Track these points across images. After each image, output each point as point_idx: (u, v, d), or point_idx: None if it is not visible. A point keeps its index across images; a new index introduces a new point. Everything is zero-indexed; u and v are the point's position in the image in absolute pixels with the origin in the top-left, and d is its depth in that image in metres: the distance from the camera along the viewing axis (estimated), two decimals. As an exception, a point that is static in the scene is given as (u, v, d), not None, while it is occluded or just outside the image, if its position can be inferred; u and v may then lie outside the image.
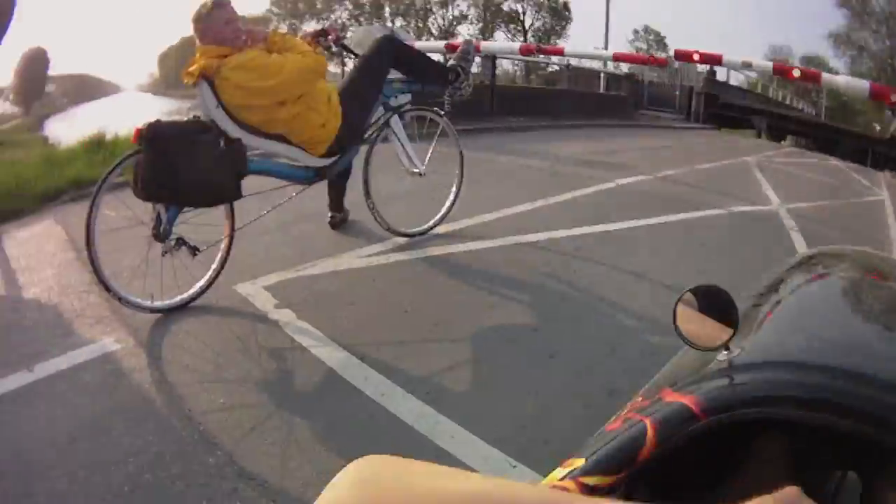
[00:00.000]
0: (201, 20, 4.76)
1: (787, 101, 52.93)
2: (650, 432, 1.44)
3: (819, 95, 78.73)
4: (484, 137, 13.70)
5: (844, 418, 1.41)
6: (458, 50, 6.45)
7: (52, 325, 4.68)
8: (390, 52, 5.71)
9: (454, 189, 6.55)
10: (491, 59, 18.19)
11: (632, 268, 5.85)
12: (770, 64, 10.05)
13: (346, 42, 5.75)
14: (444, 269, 5.62)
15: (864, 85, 10.85)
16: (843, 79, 9.70)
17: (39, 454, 3.21)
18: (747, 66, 10.11)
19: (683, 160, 14.32)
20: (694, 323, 1.70)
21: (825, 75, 12.20)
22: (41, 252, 6.24)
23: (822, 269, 2.74)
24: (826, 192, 13.61)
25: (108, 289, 4.58)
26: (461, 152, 6.52)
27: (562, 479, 1.43)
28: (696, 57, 10.68)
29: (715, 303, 1.69)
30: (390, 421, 3.42)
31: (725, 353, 1.61)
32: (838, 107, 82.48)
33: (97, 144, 10.44)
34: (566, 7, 74.02)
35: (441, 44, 14.02)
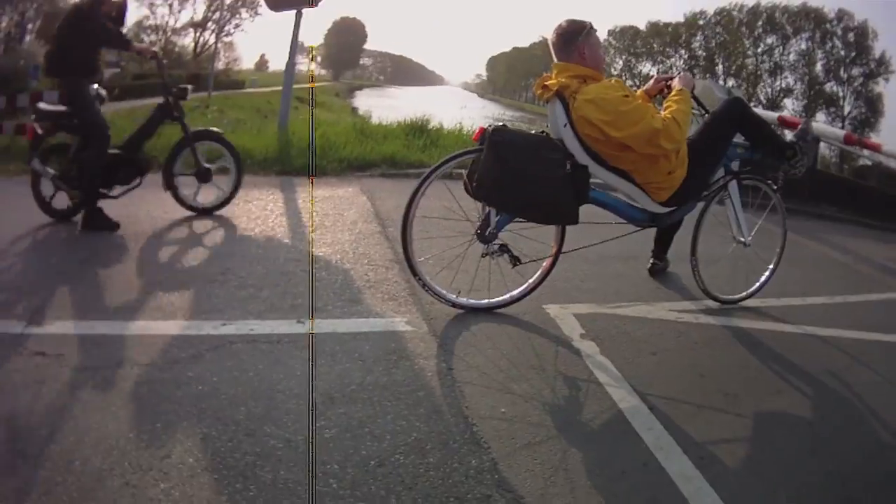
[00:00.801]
0: (572, 36, 4.77)
1: None
2: None
3: None
4: (795, 218, 13.08)
5: None
6: (798, 128, 6.25)
7: (339, 287, 4.88)
8: (740, 114, 5.57)
9: (772, 266, 6.37)
10: (816, 141, 17.26)
11: None
12: None
13: (696, 95, 5.54)
14: (745, 342, 5.38)
15: None
16: None
17: (285, 403, 3.35)
18: None
19: None
20: None
21: None
22: (341, 217, 6.47)
23: None
24: None
25: (414, 272, 4.72)
26: (786, 231, 6.43)
27: None
28: None
29: None
30: (659, 475, 3.32)
31: None
32: None
33: (419, 129, 10.68)
34: (880, 100, 71.60)
35: (774, 115, 13.66)
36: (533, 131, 4.89)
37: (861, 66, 73.12)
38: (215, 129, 7.50)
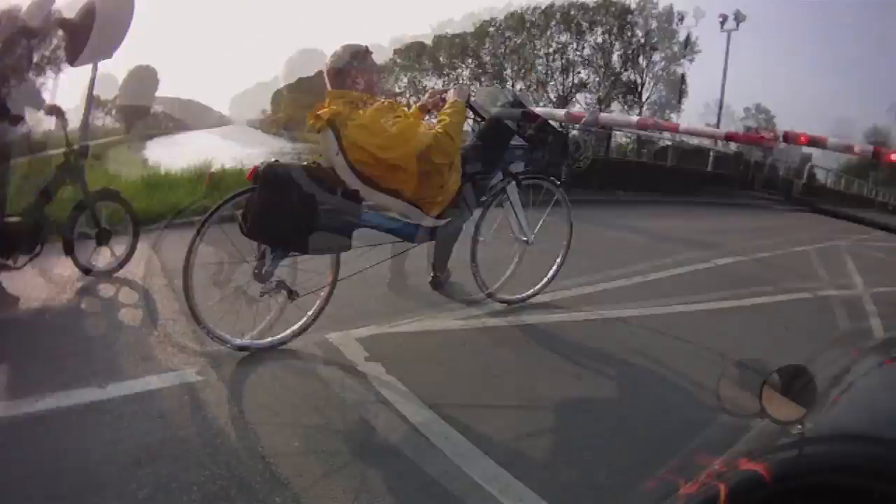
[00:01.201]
0: (346, 63, 4.87)
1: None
2: (722, 497, 1.56)
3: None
4: (591, 209, 13.60)
5: None
6: (582, 121, 6.46)
7: (132, 347, 4.76)
8: (516, 117, 5.72)
9: (559, 260, 6.54)
10: (607, 130, 17.92)
11: (720, 348, 5.64)
12: (870, 148, 9.51)
13: (473, 104, 5.67)
14: (537, 337, 5.55)
15: None
16: None
17: (100, 471, 3.24)
18: (848, 149, 9.61)
19: (774, 241, 13.93)
20: (776, 398, 1.80)
21: None
22: (130, 273, 6.36)
23: None
24: None
25: (198, 320, 4.62)
26: (571, 224, 6.54)
27: None
28: (802, 139, 10.25)
29: (797, 380, 1.82)
30: (462, 479, 3.38)
31: (800, 427, 1.69)
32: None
33: (201, 175, 10.60)
34: (683, 80, 74.18)
35: (562, 112, 13.84)
36: (305, 163, 4.92)
37: (662, 50, 75.37)
38: (113, 188, 7.17)
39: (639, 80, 73.78)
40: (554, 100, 69.78)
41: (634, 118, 12.64)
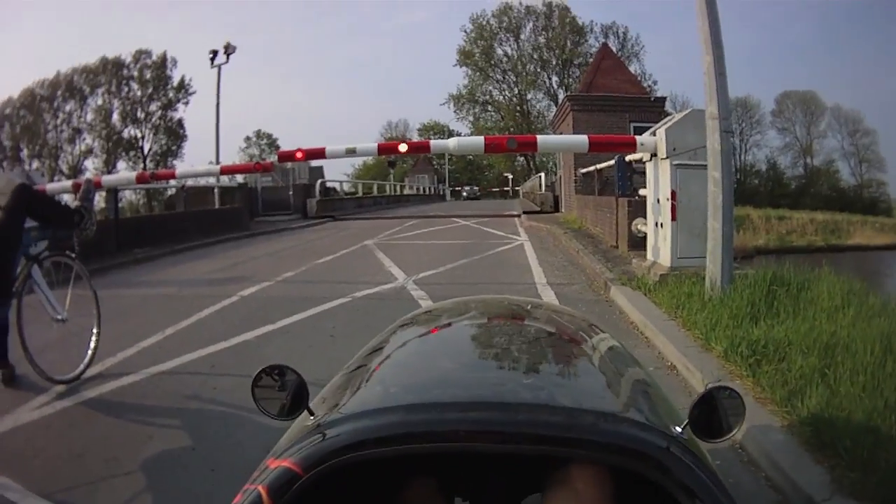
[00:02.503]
0: None
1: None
2: (264, 497, 1.73)
3: (440, 163, 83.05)
4: (112, 274, 13.86)
5: (431, 443, 1.79)
6: (80, 190, 6.67)
7: None
8: (25, 199, 5.81)
9: (95, 330, 6.74)
10: (113, 192, 18.13)
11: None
12: (374, 145, 11.04)
13: None
14: (103, 408, 5.89)
15: (476, 142, 11.84)
16: (453, 141, 10.66)
17: None
18: (352, 151, 10.99)
19: (302, 259, 15.47)
20: (274, 398, 2.09)
21: (432, 142, 13.49)
22: None
23: (416, 326, 3.24)
24: (457, 254, 15.23)
25: None
26: (95, 292, 6.74)
27: None
28: (299, 155, 11.42)
29: (288, 378, 2.10)
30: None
31: (312, 418, 1.94)
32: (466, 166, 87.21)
33: None
34: (181, 125, 74.04)
35: (69, 183, 13.77)
36: None
37: (158, 99, 74.32)
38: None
39: (139, 134, 72.95)
40: (66, 171, 66.57)
41: (133, 174, 13.15)
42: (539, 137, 11.09)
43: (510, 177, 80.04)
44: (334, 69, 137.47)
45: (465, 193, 75.30)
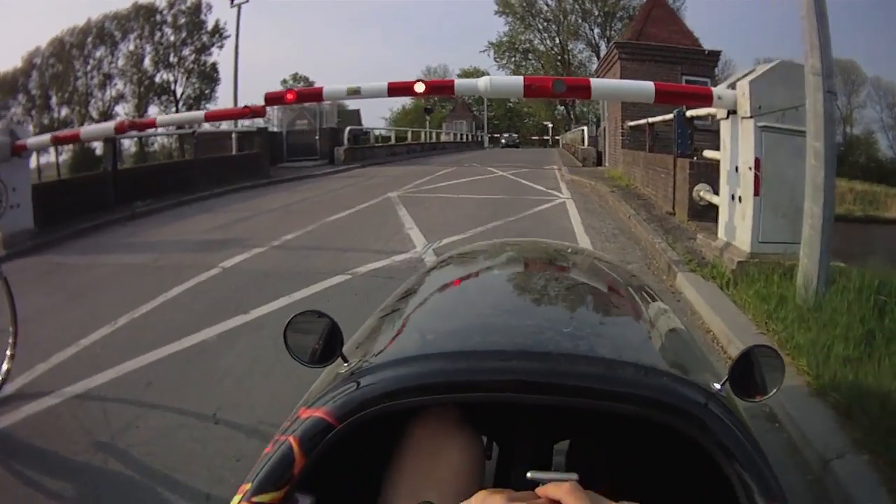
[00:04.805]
0: None
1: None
2: (295, 447, 1.69)
3: (479, 109, 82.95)
4: (99, 234, 12.60)
5: (471, 392, 1.75)
6: None
7: None
8: None
9: (11, 329, 5.53)
10: (111, 141, 16.59)
11: (209, 401, 5.05)
12: (384, 84, 8.80)
13: None
14: (9, 450, 4.63)
15: (513, 83, 9.23)
16: (483, 80, 8.23)
17: None
18: (354, 92, 9.10)
19: (313, 214, 13.91)
20: (306, 345, 1.99)
21: (457, 81, 11.23)
22: None
23: (451, 268, 3.24)
24: (489, 212, 13.69)
25: None
26: (5, 280, 5.56)
27: (239, 503, 1.63)
28: (289, 97, 9.60)
29: (320, 325, 1.99)
30: None
31: (346, 365, 1.89)
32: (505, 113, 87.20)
33: None
34: (215, 69, 73.89)
35: (47, 137, 12.62)
36: None
37: (192, 44, 74.73)
38: None
39: (171, 79, 73.37)
40: (95, 117, 67.44)
41: (112, 124, 11.69)
42: (593, 81, 8.92)
43: (550, 126, 79.23)
44: (374, 13, 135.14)
45: (503, 141, 73.83)
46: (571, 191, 18.19)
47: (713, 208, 10.11)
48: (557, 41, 77.87)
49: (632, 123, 20.67)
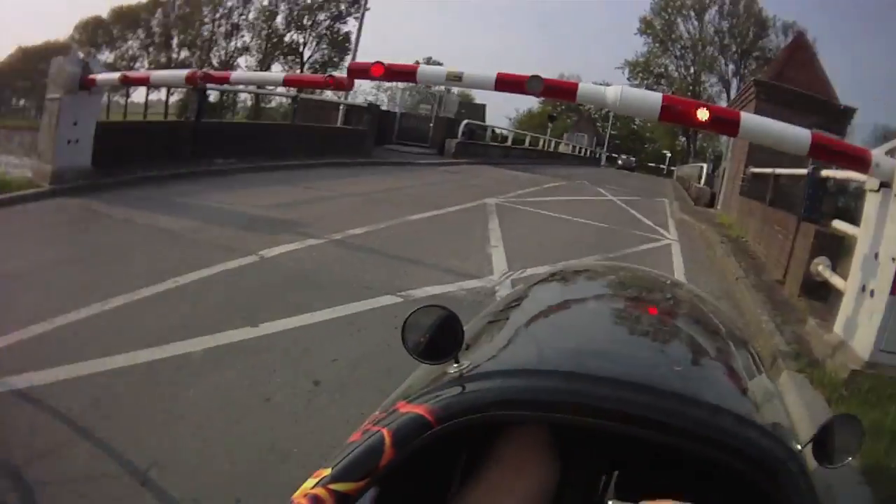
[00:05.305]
0: None
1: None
2: (387, 440, 1.68)
3: (603, 125, 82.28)
4: (159, 187, 11.76)
5: (579, 415, 1.73)
6: None
7: None
8: None
9: None
10: (199, 91, 15.67)
11: (151, 448, 3.98)
12: (492, 74, 7.47)
13: None
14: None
15: (652, 100, 7.34)
16: (613, 90, 6.71)
17: None
18: (456, 77, 7.86)
19: (396, 208, 12.76)
20: (424, 341, 1.95)
21: (582, 85, 9.26)
22: None
23: (561, 283, 3.40)
24: (588, 242, 12.63)
25: None
26: None
27: (313, 487, 1.63)
28: (376, 70, 8.25)
29: (442, 321, 1.97)
30: None
31: (456, 365, 1.89)
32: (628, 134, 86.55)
33: None
34: (347, 38, 74.09)
35: (116, 75, 11.93)
36: None
37: (329, 9, 75.46)
38: None
39: (301, 40, 74.13)
40: (216, 65, 68.81)
41: (184, 73, 10.82)
42: (744, 117, 7.24)
43: (668, 155, 77.93)
44: (520, 13, 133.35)
45: (620, 161, 72.43)
46: (679, 232, 16.75)
47: (828, 288, 8.84)
48: (692, 70, 78.49)
49: (755, 170, 19.04)
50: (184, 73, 10.73)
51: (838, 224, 9.46)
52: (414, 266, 8.54)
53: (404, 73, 8.74)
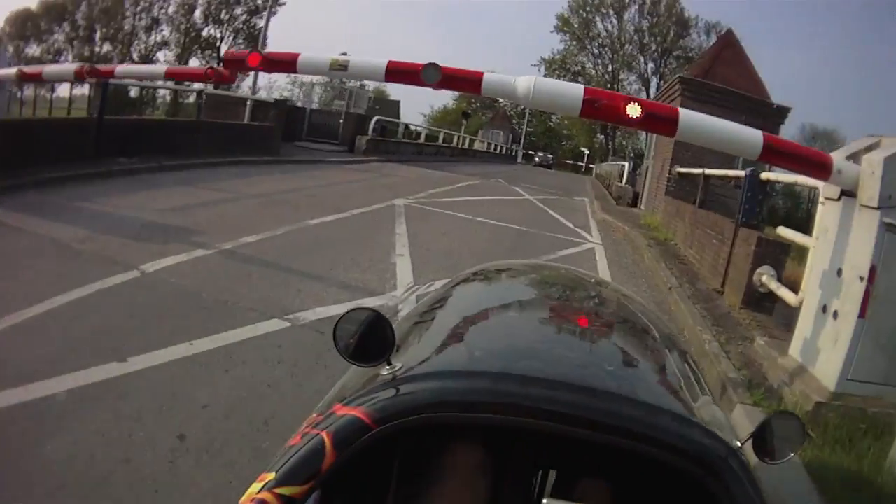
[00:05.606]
0: None
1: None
2: (328, 443, 1.68)
3: (519, 122, 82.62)
4: (60, 190, 10.76)
5: (513, 416, 1.75)
6: None
7: None
8: None
9: None
10: (101, 85, 14.45)
11: None
12: (383, 62, 6.64)
13: None
14: None
15: (570, 91, 6.34)
16: (523, 80, 5.87)
17: None
18: (341, 67, 6.95)
19: (296, 212, 12.01)
20: (354, 343, 1.94)
21: (487, 75, 8.22)
22: None
23: (486, 283, 3.37)
24: (505, 246, 12.14)
25: None
26: None
27: (259, 492, 1.63)
28: (252, 60, 7.18)
29: (372, 324, 1.96)
30: None
31: (388, 367, 1.89)
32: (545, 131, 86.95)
33: None
34: (262, 32, 73.73)
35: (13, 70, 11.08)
36: None
37: (245, 4, 75.35)
38: None
39: (218, 35, 73.32)
40: (136, 60, 67.88)
41: (73, 67, 10.00)
42: (682, 114, 6.26)
43: (586, 152, 78.29)
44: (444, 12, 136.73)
45: (537, 159, 72.66)
46: (602, 234, 16.25)
47: (773, 299, 8.40)
48: (610, 69, 79.31)
49: (682, 170, 18.84)
50: (73, 67, 9.86)
51: (785, 232, 8.93)
52: (308, 281, 7.76)
53: (283, 63, 7.81)
